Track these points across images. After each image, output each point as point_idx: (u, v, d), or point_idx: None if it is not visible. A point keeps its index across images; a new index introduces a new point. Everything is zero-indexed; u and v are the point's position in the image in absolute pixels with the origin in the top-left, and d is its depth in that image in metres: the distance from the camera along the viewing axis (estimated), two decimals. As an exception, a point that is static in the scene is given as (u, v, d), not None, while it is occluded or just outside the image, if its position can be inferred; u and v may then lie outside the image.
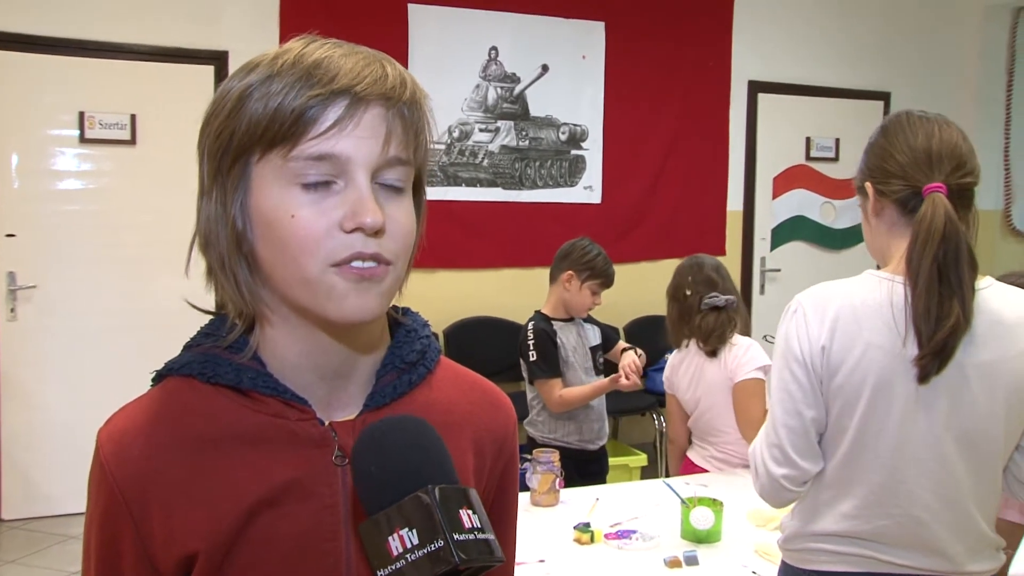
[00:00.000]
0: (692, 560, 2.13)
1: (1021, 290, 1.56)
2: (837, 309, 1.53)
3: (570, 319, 3.28)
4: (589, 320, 3.37)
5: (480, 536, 0.72)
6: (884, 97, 6.33)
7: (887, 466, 1.51)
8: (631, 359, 3.11)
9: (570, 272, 3.22)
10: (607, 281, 3.27)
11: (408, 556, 0.69)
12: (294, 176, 0.78)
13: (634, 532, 2.29)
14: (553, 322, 3.24)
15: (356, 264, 0.78)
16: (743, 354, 2.81)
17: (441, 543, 0.69)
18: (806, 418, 1.55)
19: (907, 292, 1.48)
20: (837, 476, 1.56)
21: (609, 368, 3.32)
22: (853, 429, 1.52)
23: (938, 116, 1.60)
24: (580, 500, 2.58)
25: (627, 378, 3.03)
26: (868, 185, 1.61)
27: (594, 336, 3.36)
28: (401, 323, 0.93)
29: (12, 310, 4.44)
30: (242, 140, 0.79)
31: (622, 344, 3.46)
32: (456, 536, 0.70)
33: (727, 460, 2.87)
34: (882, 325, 1.50)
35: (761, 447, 1.62)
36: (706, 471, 2.87)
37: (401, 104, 0.80)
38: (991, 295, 1.52)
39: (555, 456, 2.57)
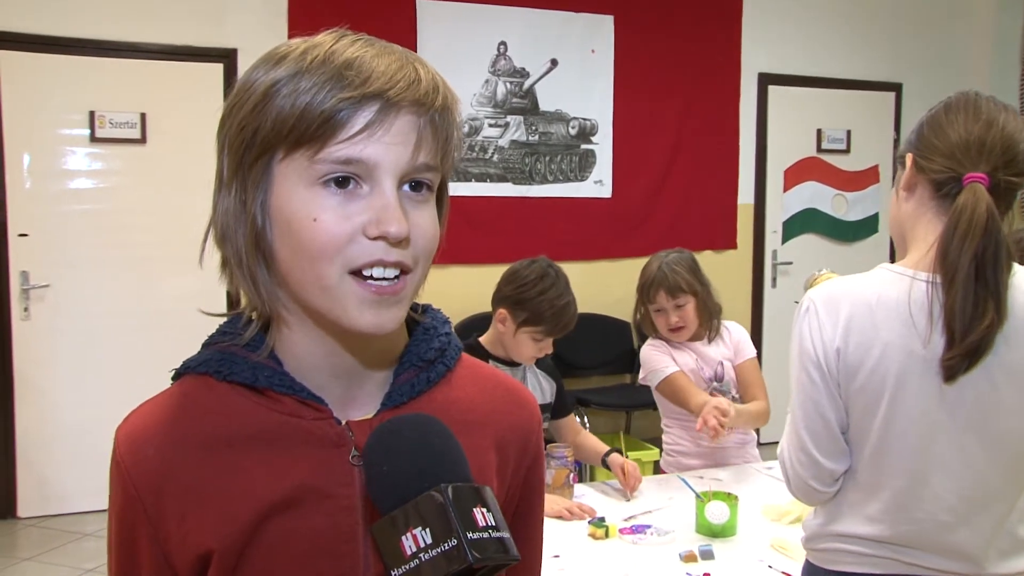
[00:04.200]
0: (708, 554, 2.11)
1: None
2: (851, 308, 1.47)
3: (514, 362, 2.60)
4: (547, 372, 2.74)
5: (494, 535, 0.71)
6: (895, 88, 6.29)
7: (911, 469, 1.47)
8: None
9: (502, 311, 2.54)
10: (552, 330, 2.52)
11: (422, 555, 0.69)
12: (318, 178, 0.76)
13: (649, 527, 2.28)
14: (490, 360, 2.53)
15: (377, 272, 0.76)
16: None
17: (455, 542, 0.68)
18: (828, 419, 1.50)
19: (934, 288, 1.42)
20: (863, 478, 1.52)
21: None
22: (875, 432, 1.47)
23: (1009, 106, 1.50)
24: (595, 495, 2.57)
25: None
26: (909, 156, 1.53)
27: (540, 392, 2.70)
28: (420, 321, 0.92)
29: (25, 309, 4.46)
30: (267, 137, 0.77)
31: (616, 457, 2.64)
32: (470, 535, 0.69)
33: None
34: (900, 325, 1.44)
35: (788, 451, 1.58)
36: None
37: (433, 110, 0.78)
38: (1016, 284, 1.45)
39: (569, 451, 2.56)
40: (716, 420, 2.49)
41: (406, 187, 0.78)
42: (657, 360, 2.81)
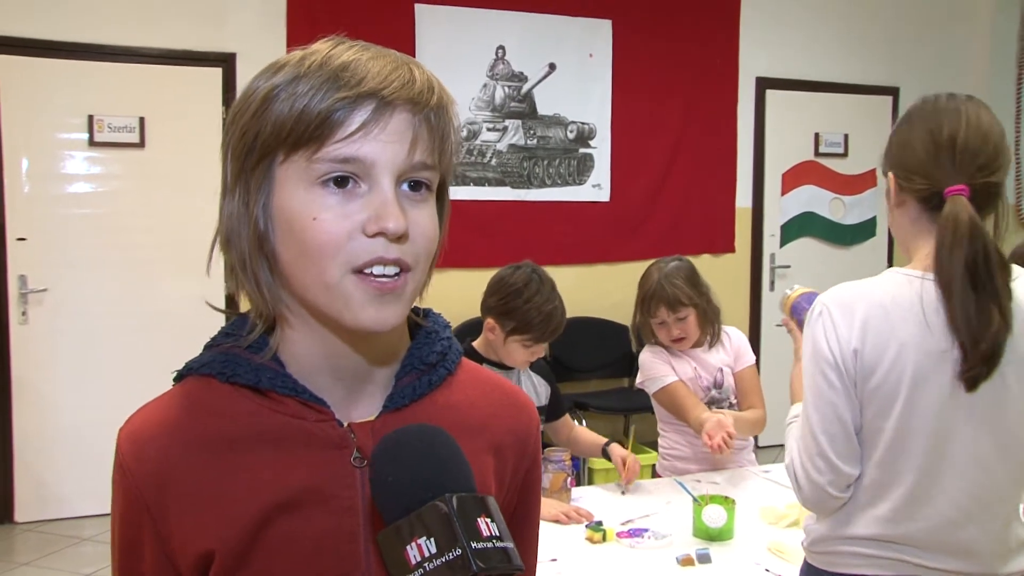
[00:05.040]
0: (705, 558, 2.12)
1: None
2: (866, 309, 1.48)
3: (508, 366, 2.60)
4: (541, 374, 2.75)
5: (498, 544, 0.71)
6: (893, 92, 6.30)
7: (922, 468, 1.47)
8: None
9: (490, 321, 2.56)
10: (542, 336, 2.53)
11: (426, 565, 0.69)
12: (318, 178, 0.77)
13: (646, 530, 2.28)
14: (484, 364, 2.55)
15: (377, 270, 0.78)
16: None
17: (459, 552, 0.69)
18: (845, 421, 1.50)
19: (941, 297, 1.44)
20: (873, 479, 1.51)
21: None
22: (889, 431, 1.48)
23: (970, 101, 1.51)
24: (592, 499, 2.57)
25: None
26: (891, 176, 1.55)
27: (535, 395, 2.68)
28: (422, 325, 0.93)
29: (23, 313, 4.45)
30: (267, 140, 0.79)
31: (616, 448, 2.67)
32: (474, 544, 0.69)
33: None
34: (914, 325, 1.45)
35: (800, 457, 1.56)
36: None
37: (428, 109, 0.80)
38: (1020, 287, 1.46)
39: (567, 455, 2.56)
40: (721, 439, 2.50)
41: (405, 186, 0.80)
42: (656, 368, 2.81)
